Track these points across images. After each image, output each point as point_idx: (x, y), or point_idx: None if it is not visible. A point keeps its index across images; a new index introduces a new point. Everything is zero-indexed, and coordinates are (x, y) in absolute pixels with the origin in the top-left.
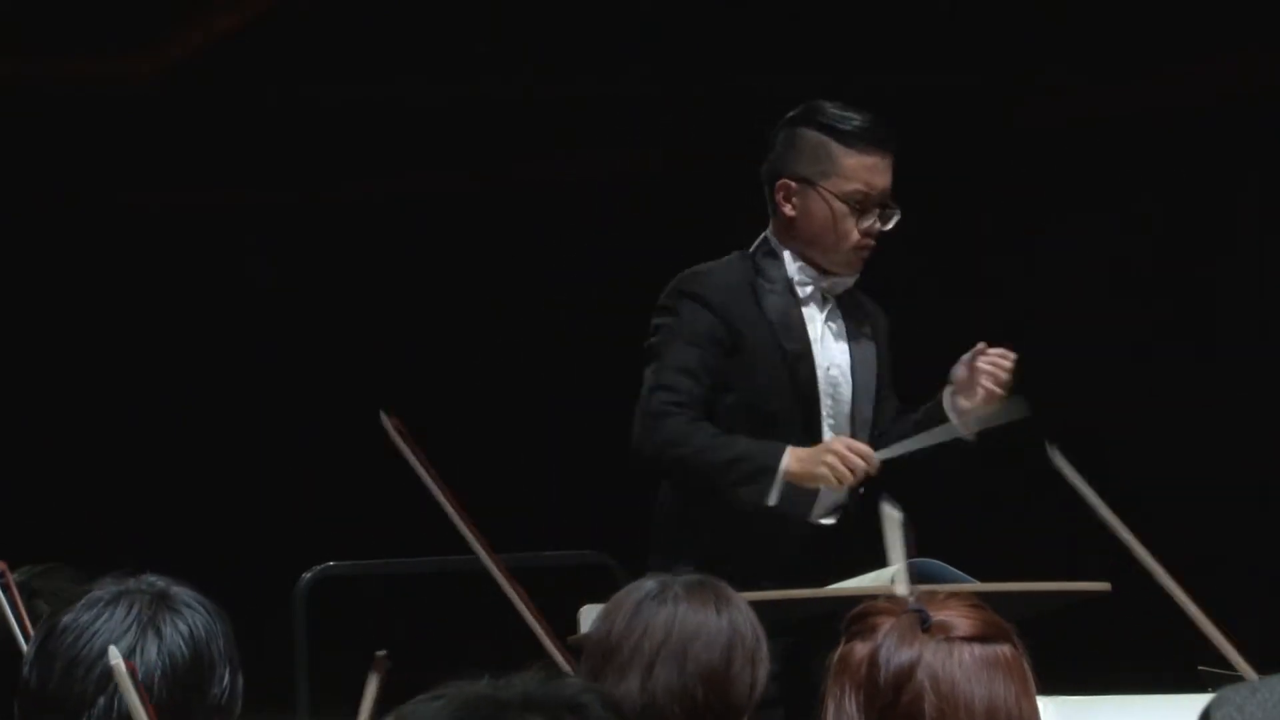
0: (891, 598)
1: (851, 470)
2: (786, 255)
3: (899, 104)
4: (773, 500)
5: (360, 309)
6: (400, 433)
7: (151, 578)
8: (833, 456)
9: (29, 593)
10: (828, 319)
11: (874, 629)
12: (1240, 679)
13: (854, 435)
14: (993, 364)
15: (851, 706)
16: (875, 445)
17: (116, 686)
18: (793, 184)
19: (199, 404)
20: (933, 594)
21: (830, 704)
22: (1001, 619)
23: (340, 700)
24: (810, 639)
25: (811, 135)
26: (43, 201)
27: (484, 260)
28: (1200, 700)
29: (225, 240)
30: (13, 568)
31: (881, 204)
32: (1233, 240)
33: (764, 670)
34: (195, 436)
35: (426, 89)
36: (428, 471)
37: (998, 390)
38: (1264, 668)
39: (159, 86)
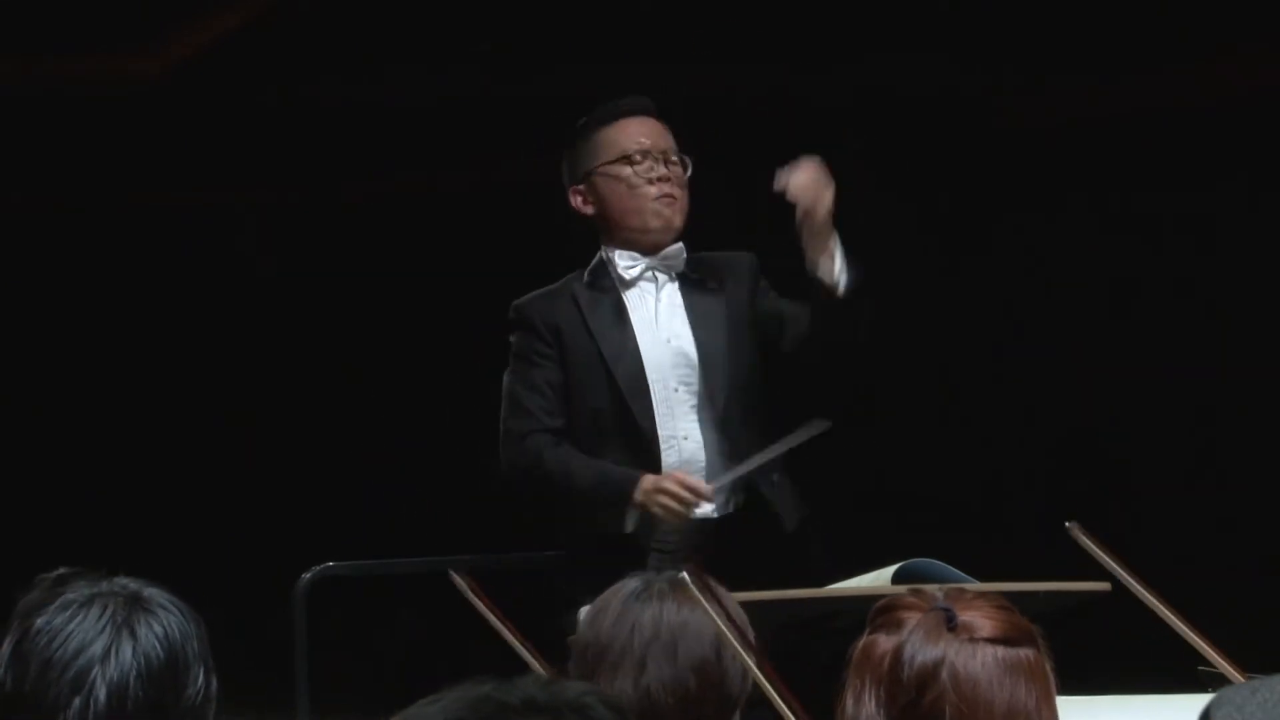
0: (918, 593)
1: (685, 505)
2: (612, 252)
3: (895, 102)
4: (629, 528)
5: (362, 309)
6: (475, 592)
7: (124, 580)
8: (664, 497)
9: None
10: (663, 298)
11: (899, 624)
12: (1241, 679)
13: (712, 406)
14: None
15: (871, 701)
16: (740, 407)
17: (91, 688)
18: (580, 186)
19: (199, 404)
20: (960, 592)
21: (849, 697)
22: (1027, 622)
23: (340, 700)
24: (804, 639)
25: (578, 144)
26: (44, 201)
27: (485, 260)
28: (1200, 700)
29: (227, 240)
30: (15, 568)
31: (664, 158)
32: (1229, 240)
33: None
34: (195, 436)
35: (427, 88)
36: (506, 626)
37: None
38: (1264, 668)
39: (161, 86)
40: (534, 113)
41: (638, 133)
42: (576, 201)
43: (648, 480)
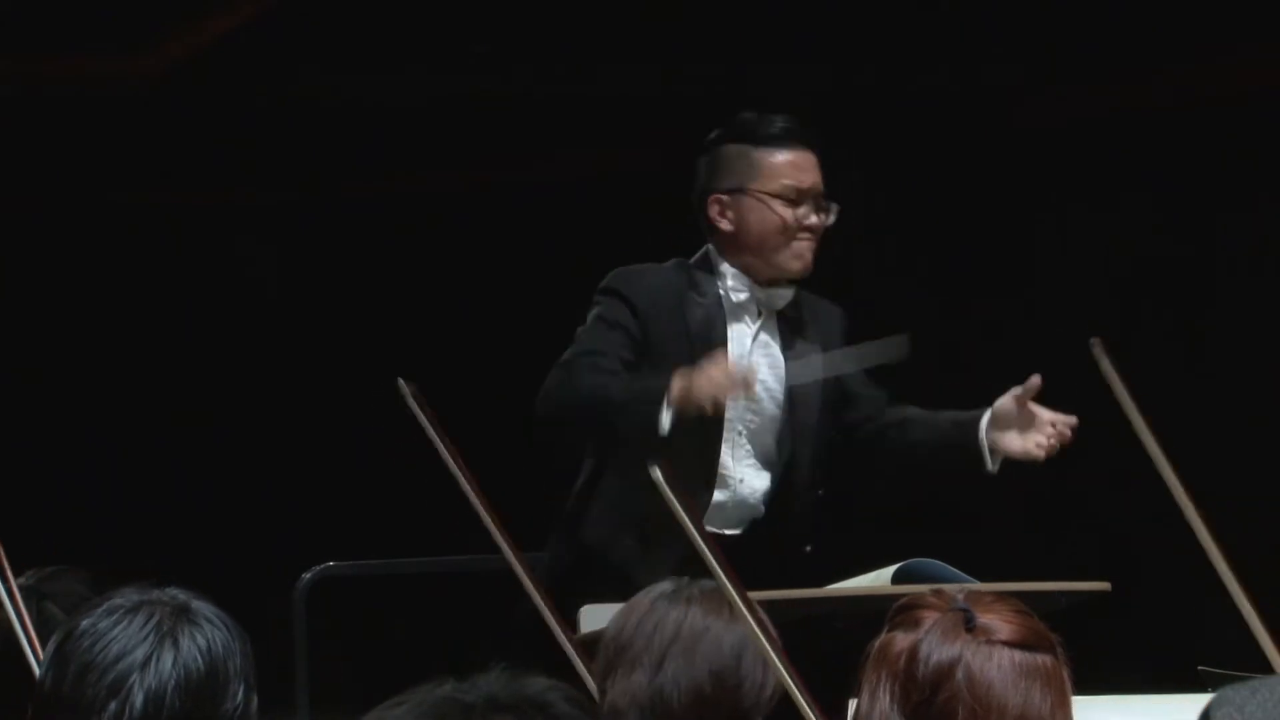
0: (938, 593)
1: (725, 385)
2: (725, 267)
3: (897, 102)
4: (664, 427)
5: (362, 309)
6: (419, 401)
7: (174, 590)
8: (705, 375)
9: (38, 596)
10: (761, 332)
11: (918, 622)
12: (1240, 679)
13: (793, 446)
14: (1056, 429)
15: (885, 698)
16: (852, 450)
17: (128, 693)
18: (724, 196)
19: (199, 404)
20: (980, 594)
21: (864, 692)
22: (1046, 628)
23: (340, 700)
24: (804, 639)
25: (731, 148)
26: (42, 201)
27: (487, 260)
28: (1200, 700)
29: (227, 240)
30: (20, 570)
31: (815, 200)
32: (1231, 241)
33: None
34: (195, 436)
35: (426, 88)
36: (446, 446)
37: (1042, 453)
38: (1264, 668)
39: (160, 86)
40: (534, 113)
41: (801, 171)
42: (714, 211)
43: (686, 372)
